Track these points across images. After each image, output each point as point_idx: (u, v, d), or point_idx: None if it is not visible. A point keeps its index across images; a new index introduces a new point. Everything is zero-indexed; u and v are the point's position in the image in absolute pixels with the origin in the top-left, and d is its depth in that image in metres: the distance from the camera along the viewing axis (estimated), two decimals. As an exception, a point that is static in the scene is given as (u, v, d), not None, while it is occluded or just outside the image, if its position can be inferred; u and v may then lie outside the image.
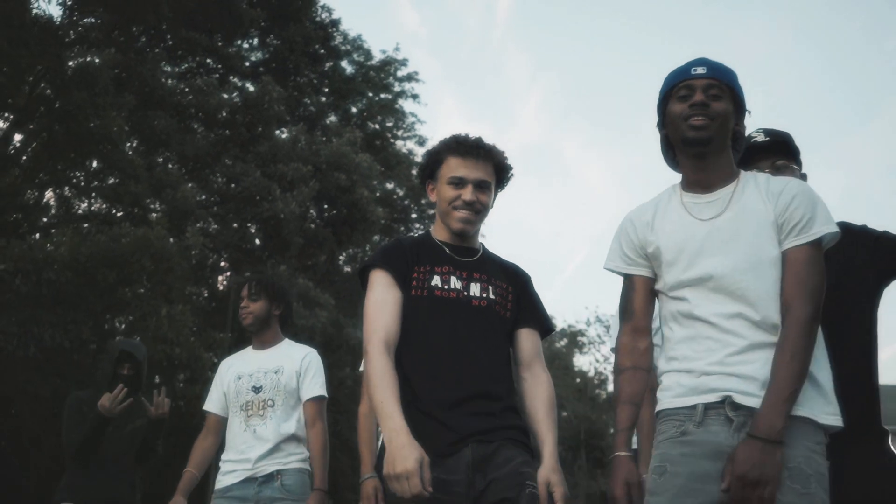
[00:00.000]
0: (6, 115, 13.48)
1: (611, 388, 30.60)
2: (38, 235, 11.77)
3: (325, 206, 14.81)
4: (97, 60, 11.11)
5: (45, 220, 14.93)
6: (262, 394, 3.44)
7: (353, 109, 18.66)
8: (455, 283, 2.31)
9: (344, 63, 18.13)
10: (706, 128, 1.96)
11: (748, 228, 1.93)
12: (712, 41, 54.26)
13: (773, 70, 54.84)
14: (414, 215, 19.72)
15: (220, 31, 15.34)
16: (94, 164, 12.87)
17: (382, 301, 2.25)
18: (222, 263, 15.44)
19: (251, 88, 15.85)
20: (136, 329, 11.86)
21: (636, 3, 55.34)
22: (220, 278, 16.79)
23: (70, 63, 11.56)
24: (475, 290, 2.33)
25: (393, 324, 2.21)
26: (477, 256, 2.42)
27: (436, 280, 2.30)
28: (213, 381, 3.71)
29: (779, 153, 2.45)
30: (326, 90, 18.42)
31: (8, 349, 9.66)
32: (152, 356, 11.24)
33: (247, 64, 17.89)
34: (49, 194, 15.09)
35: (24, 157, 14.30)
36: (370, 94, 18.56)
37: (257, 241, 13.79)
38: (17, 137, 14.49)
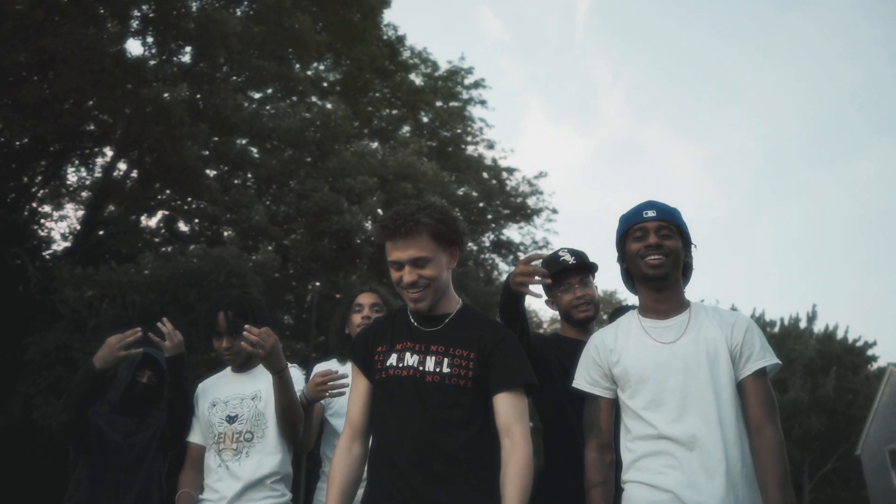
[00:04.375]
0: (105, 149, 13.92)
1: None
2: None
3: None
4: (167, 96, 11.12)
5: (156, 241, 15.39)
6: (238, 424, 2.76)
7: (425, 119, 18.22)
8: (410, 359, 2.14)
9: (412, 76, 17.71)
10: (662, 265, 2.17)
11: (705, 350, 2.11)
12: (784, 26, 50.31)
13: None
14: (489, 216, 19.07)
15: (293, 58, 15.27)
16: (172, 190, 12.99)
17: (350, 393, 2.24)
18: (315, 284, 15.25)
19: (329, 107, 15.78)
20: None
21: (714, -10, 52.09)
22: (308, 287, 16.82)
23: (149, 99, 11.67)
24: (430, 364, 2.12)
25: (357, 414, 2.19)
26: (442, 325, 2.18)
27: (392, 359, 2.15)
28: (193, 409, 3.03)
29: (585, 270, 2.82)
30: (399, 103, 18.09)
31: (99, 368, 9.79)
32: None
33: (325, 84, 17.83)
34: (152, 220, 15.55)
35: (128, 185, 14.76)
36: (439, 104, 18.04)
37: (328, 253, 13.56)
38: (122, 166, 14.98)
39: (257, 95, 16.22)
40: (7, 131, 12.27)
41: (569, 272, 2.77)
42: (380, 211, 14.32)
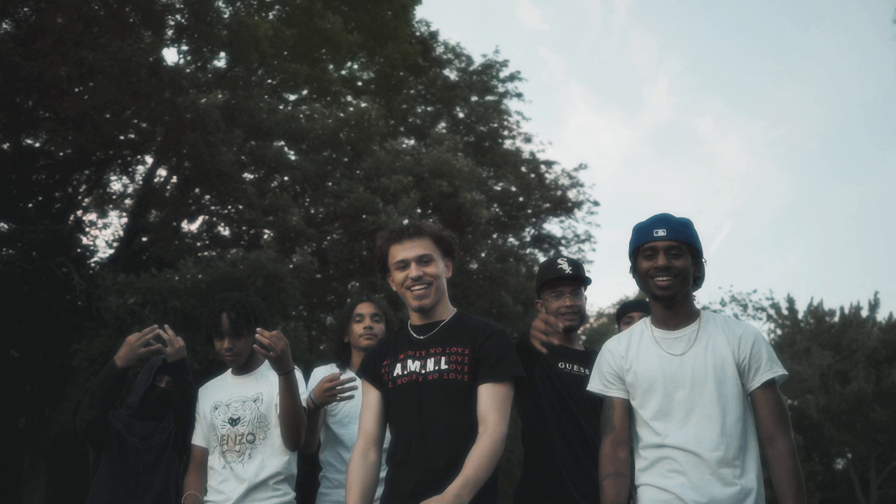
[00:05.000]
0: (145, 156, 14.32)
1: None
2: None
3: (430, 213, 14.47)
4: (204, 101, 11.38)
5: (197, 245, 15.77)
6: (241, 426, 2.85)
7: (461, 115, 18.22)
8: (412, 365, 2.35)
9: (447, 71, 17.72)
10: (670, 286, 2.27)
11: (712, 363, 2.21)
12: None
13: None
14: (529, 211, 18.95)
15: (325, 59, 15.45)
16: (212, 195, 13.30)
17: (363, 405, 2.45)
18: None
19: (363, 105, 15.92)
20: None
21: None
22: (349, 287, 17.00)
23: (184, 106, 11.94)
24: (430, 365, 2.33)
25: (370, 424, 2.39)
26: (437, 329, 2.40)
27: (397, 369, 2.37)
28: (196, 412, 3.10)
29: (578, 282, 3.01)
30: (434, 99, 18.12)
31: (143, 373, 10.10)
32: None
33: (359, 84, 17.98)
34: (193, 225, 15.93)
35: (168, 191, 15.15)
36: (474, 99, 18.01)
37: (364, 253, 13.70)
38: (162, 173, 15.36)
39: (292, 97, 16.48)
40: (50, 143, 12.75)
41: (563, 280, 2.98)
42: (418, 210, 14.42)
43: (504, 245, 18.71)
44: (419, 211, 14.46)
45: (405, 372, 2.35)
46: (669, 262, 2.26)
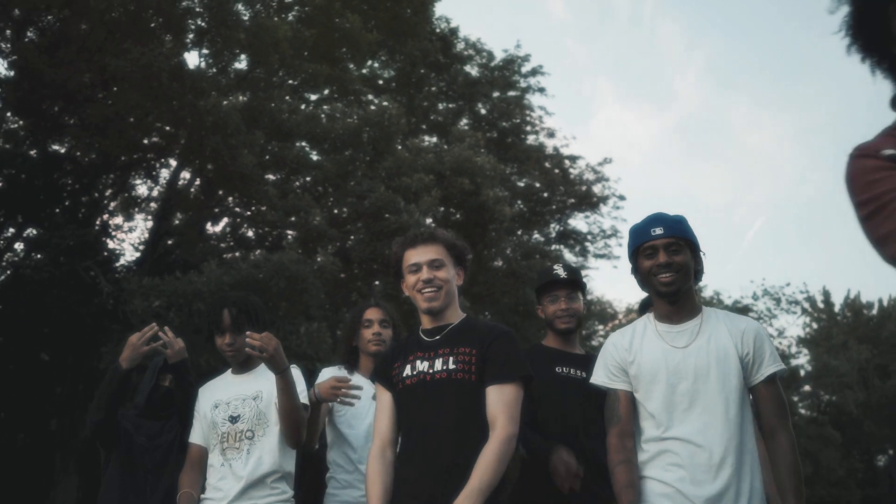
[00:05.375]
0: (169, 159, 14.53)
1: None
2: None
3: (452, 211, 14.47)
4: (226, 103, 11.51)
5: (221, 246, 15.95)
6: (240, 424, 2.90)
7: (482, 111, 18.17)
8: (420, 365, 2.44)
9: (468, 67, 17.68)
10: (673, 282, 2.34)
11: (715, 356, 2.27)
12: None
13: None
14: (553, 206, 18.86)
15: (346, 59, 15.50)
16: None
17: (377, 407, 2.54)
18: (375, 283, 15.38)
19: (385, 104, 15.96)
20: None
21: (793, -49, 49.57)
22: (374, 284, 17.06)
23: (206, 109, 12.08)
24: (438, 364, 2.40)
25: (385, 425, 2.47)
26: (445, 331, 2.48)
27: (406, 370, 2.46)
28: (195, 410, 3.14)
29: (574, 286, 3.10)
30: (455, 96, 18.10)
31: (169, 375, 10.24)
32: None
33: (380, 82, 18.04)
34: (217, 228, 16.12)
35: (192, 194, 15.36)
36: (496, 94, 17.95)
37: (387, 252, 13.76)
38: (186, 175, 15.58)
39: (313, 98, 16.59)
40: (75, 148, 13.00)
41: (558, 284, 3.09)
42: (441, 208, 14.42)
43: (529, 241, 18.66)
44: (441, 209, 14.49)
45: (414, 372, 2.43)
46: (670, 259, 2.33)
